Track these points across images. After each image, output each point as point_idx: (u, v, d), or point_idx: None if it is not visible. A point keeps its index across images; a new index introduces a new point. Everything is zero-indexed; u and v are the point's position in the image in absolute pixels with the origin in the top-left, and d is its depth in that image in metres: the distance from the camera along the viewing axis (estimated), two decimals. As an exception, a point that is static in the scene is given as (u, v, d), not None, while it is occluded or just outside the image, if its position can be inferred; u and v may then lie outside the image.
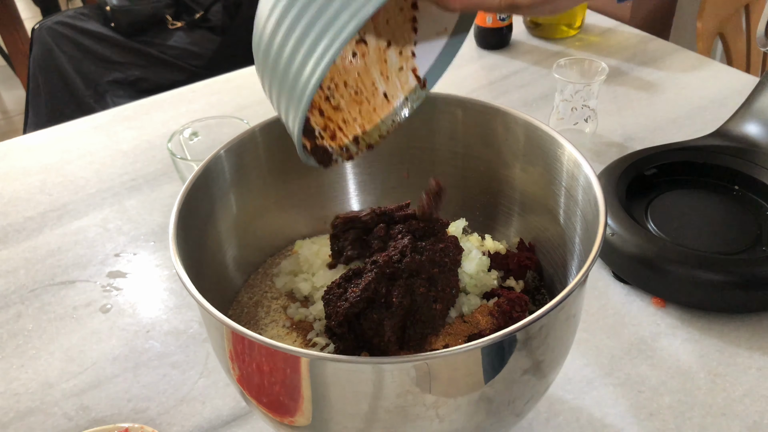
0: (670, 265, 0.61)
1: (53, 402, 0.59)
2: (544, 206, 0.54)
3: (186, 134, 0.74)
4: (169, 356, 0.62)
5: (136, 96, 1.65)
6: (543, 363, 0.41)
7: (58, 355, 0.63)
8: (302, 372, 0.37)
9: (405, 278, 0.47)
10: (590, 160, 0.58)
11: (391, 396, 0.37)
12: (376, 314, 0.46)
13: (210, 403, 0.58)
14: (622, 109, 0.93)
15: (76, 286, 0.71)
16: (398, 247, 0.48)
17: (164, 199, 0.82)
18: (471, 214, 0.60)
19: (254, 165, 0.55)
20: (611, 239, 0.65)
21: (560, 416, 0.55)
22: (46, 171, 0.89)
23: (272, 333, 0.52)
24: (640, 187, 0.72)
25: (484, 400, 0.40)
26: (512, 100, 0.97)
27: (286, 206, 0.59)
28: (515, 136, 0.54)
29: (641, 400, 0.56)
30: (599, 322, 0.63)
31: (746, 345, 0.60)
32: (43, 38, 1.71)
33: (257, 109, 0.98)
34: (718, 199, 0.72)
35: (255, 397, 0.42)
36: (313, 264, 0.55)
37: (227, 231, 0.54)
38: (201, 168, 0.49)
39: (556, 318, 0.40)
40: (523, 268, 0.55)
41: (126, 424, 0.55)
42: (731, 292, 0.60)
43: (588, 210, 0.46)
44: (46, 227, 0.79)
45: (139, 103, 1.03)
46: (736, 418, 0.54)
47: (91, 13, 1.79)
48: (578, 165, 0.47)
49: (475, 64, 1.08)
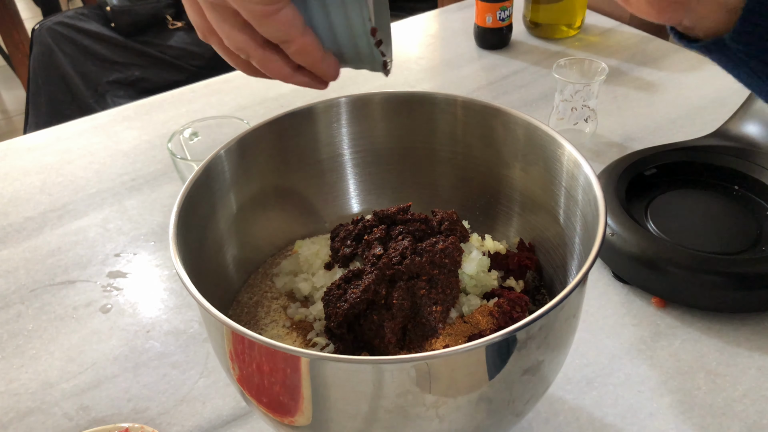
0: (670, 265, 0.61)
1: (53, 402, 0.59)
2: (544, 206, 0.54)
3: (186, 134, 0.74)
4: (169, 356, 0.62)
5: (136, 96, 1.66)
6: (543, 363, 0.41)
7: (58, 355, 0.63)
8: (302, 372, 0.37)
9: (405, 280, 0.47)
10: (590, 160, 0.58)
11: (391, 396, 0.37)
12: (376, 316, 0.46)
13: (210, 403, 0.58)
14: (622, 109, 0.93)
15: (76, 286, 0.71)
16: (398, 249, 0.48)
17: (164, 199, 0.82)
18: (471, 214, 0.60)
19: (254, 165, 0.55)
20: (611, 239, 0.65)
21: (560, 416, 0.55)
22: (46, 171, 0.89)
23: (272, 333, 0.52)
24: (640, 187, 0.72)
25: (484, 400, 0.40)
26: (512, 100, 0.97)
27: (286, 206, 0.60)
28: (515, 136, 0.54)
29: (641, 400, 0.56)
30: (599, 322, 0.63)
31: (746, 345, 0.60)
32: (43, 38, 1.72)
33: (257, 109, 0.98)
34: (718, 199, 0.72)
35: (255, 397, 0.42)
36: (313, 264, 0.55)
37: (227, 231, 0.54)
38: (201, 168, 0.49)
39: (556, 318, 0.40)
40: (523, 268, 0.55)
41: (126, 424, 0.55)
42: (731, 292, 0.60)
43: (588, 210, 0.46)
44: (46, 227, 0.79)
45: (139, 103, 1.03)
46: (736, 418, 0.54)
47: (91, 13, 1.79)
48: (578, 165, 0.47)
49: (475, 64, 1.08)
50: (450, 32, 1.19)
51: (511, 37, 1.12)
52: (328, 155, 0.59)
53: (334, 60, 0.41)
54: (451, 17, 1.24)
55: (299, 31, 0.38)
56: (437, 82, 1.05)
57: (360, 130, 0.58)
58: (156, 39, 1.78)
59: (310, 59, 0.40)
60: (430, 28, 1.23)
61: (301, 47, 0.39)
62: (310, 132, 0.57)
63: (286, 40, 0.38)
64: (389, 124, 0.58)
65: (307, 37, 0.38)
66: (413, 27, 1.22)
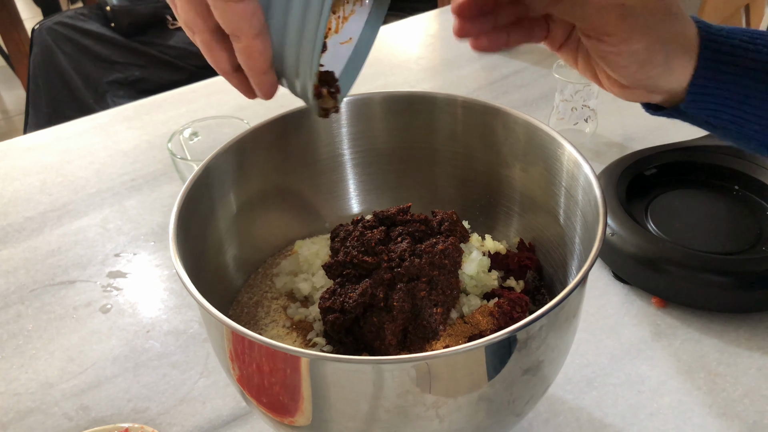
0: (670, 265, 0.61)
1: (53, 402, 0.59)
2: (544, 206, 0.54)
3: (186, 134, 0.74)
4: (169, 356, 0.62)
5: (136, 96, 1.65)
6: (543, 363, 0.41)
7: (58, 355, 0.63)
8: (302, 372, 0.37)
9: (405, 282, 0.47)
10: (590, 160, 0.58)
11: (391, 396, 0.37)
12: (376, 318, 0.46)
13: (210, 403, 0.58)
14: (622, 109, 0.93)
15: (76, 286, 0.71)
16: (397, 251, 0.48)
17: (164, 199, 0.82)
18: (471, 214, 0.60)
19: (254, 165, 0.55)
20: (611, 239, 0.65)
21: (560, 416, 0.55)
22: (46, 171, 0.89)
23: (272, 333, 0.52)
24: (640, 187, 0.72)
25: (484, 400, 0.40)
26: (512, 100, 0.97)
27: (286, 206, 0.59)
28: (515, 136, 0.54)
29: (641, 400, 0.56)
30: (599, 322, 0.63)
31: (746, 345, 0.60)
32: (43, 38, 1.72)
33: (257, 109, 0.98)
34: (718, 199, 0.72)
35: (255, 397, 0.42)
36: (313, 264, 0.55)
37: (227, 231, 0.54)
38: (201, 168, 0.49)
39: (556, 318, 0.40)
40: (523, 268, 0.55)
41: (126, 424, 0.55)
42: (731, 292, 0.60)
43: (588, 210, 0.46)
44: (46, 227, 0.79)
45: (139, 103, 1.03)
46: (736, 418, 0.54)
47: (91, 13, 1.79)
48: (578, 165, 0.47)
49: (475, 64, 1.08)
50: (450, 32, 1.19)
51: (511, 37, 1.12)
52: (328, 155, 0.59)
53: (274, 80, 0.39)
54: (451, 17, 1.24)
55: (254, 30, 0.35)
56: (437, 82, 1.05)
57: (360, 130, 0.58)
58: (156, 39, 1.78)
59: (253, 65, 0.37)
60: (430, 28, 1.23)
61: (248, 47, 0.36)
62: (310, 132, 0.57)
63: (237, 35, 0.36)
64: (389, 124, 0.58)
65: (258, 41, 0.36)
66: (413, 27, 1.22)
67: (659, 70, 0.41)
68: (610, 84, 0.45)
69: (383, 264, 0.48)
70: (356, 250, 0.49)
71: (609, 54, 0.41)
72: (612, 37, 0.40)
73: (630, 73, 0.42)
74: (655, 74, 0.42)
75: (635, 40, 0.40)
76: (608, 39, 0.40)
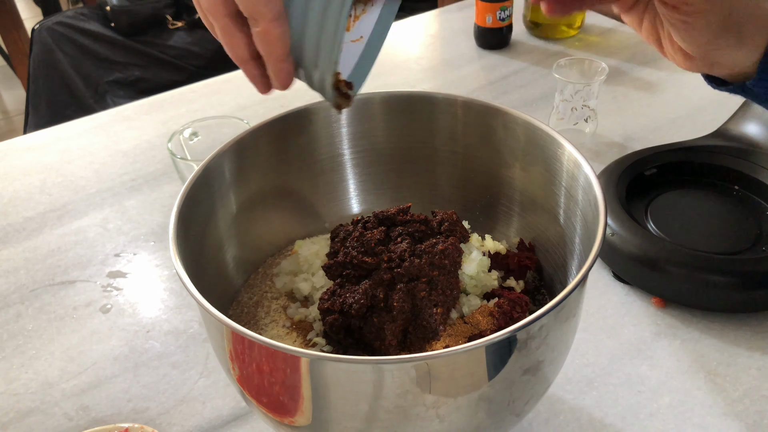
0: (670, 265, 0.61)
1: (53, 402, 0.59)
2: (544, 206, 0.54)
3: (186, 134, 0.74)
4: (169, 356, 0.62)
5: (136, 96, 1.65)
6: (543, 363, 0.41)
7: (58, 355, 0.63)
8: (302, 372, 0.37)
9: (405, 282, 0.47)
10: (590, 160, 0.58)
11: (391, 396, 0.37)
12: (377, 318, 0.46)
13: (210, 403, 0.58)
14: (622, 109, 0.93)
15: (76, 286, 0.71)
16: (397, 251, 0.48)
17: (164, 199, 0.82)
18: (471, 214, 0.60)
19: (254, 165, 0.55)
20: (611, 239, 0.65)
21: (560, 416, 0.55)
22: (46, 171, 0.89)
23: (272, 333, 0.52)
24: (640, 187, 0.72)
25: (484, 400, 0.40)
26: (512, 100, 0.97)
27: (286, 206, 0.59)
28: (515, 136, 0.54)
29: (641, 400, 0.56)
30: (599, 322, 0.63)
31: (746, 345, 0.60)
32: (43, 38, 1.71)
33: (257, 109, 0.98)
34: (718, 199, 0.72)
35: (255, 397, 0.42)
36: (312, 264, 0.55)
37: (227, 231, 0.54)
38: (201, 168, 0.49)
39: (556, 318, 0.40)
40: (523, 268, 0.55)
41: (126, 424, 0.55)
42: (731, 292, 0.60)
43: (588, 210, 0.46)
44: (46, 227, 0.79)
45: (139, 103, 1.03)
46: (736, 418, 0.54)
47: (91, 13, 1.79)
48: (578, 165, 0.47)
49: (475, 64, 1.08)
50: (450, 32, 1.19)
51: (511, 37, 1.12)
52: (328, 155, 0.59)
53: (291, 69, 0.39)
54: (451, 17, 1.24)
55: (272, 13, 0.35)
56: (437, 82, 1.05)
57: (360, 130, 0.58)
58: (156, 39, 1.78)
59: (272, 50, 0.37)
60: (430, 28, 1.23)
61: (266, 31, 0.36)
62: (310, 132, 0.57)
63: (256, 18, 0.36)
64: (389, 124, 0.58)
65: (276, 24, 0.36)
66: (413, 27, 1.22)
67: (731, 43, 0.41)
68: (674, 52, 0.44)
69: (383, 264, 0.48)
70: (356, 251, 0.49)
71: (683, 23, 0.40)
72: (690, 6, 0.39)
73: (701, 44, 0.41)
74: (726, 48, 0.41)
75: (714, 12, 0.39)
76: (686, 8, 0.39)
